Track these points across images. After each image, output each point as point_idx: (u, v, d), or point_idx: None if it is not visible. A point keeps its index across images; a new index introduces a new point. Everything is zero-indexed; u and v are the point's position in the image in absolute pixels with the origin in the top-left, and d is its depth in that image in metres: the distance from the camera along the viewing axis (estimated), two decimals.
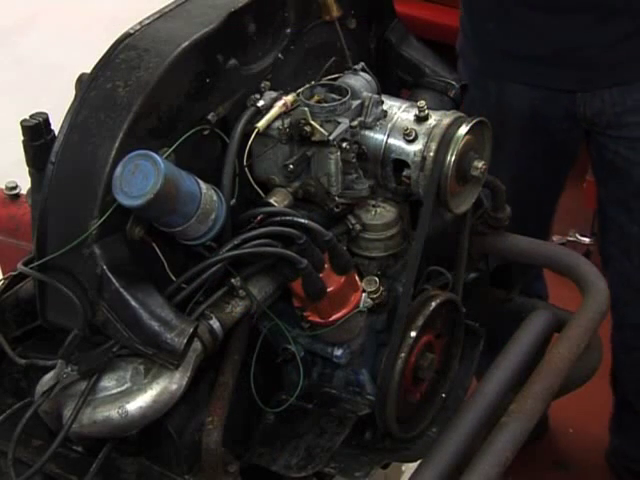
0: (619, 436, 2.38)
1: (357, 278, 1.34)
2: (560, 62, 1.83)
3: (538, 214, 2.07)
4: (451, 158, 1.29)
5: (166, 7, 1.31)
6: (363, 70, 1.41)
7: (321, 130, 1.28)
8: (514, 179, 1.93)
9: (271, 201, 1.31)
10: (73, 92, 1.26)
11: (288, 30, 1.39)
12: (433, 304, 1.40)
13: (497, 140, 1.84)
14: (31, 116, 1.33)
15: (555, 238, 2.77)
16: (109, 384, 1.18)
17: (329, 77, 1.39)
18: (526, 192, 1.97)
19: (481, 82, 1.90)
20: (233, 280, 1.25)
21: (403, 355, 1.35)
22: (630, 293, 2.01)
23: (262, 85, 1.34)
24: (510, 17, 1.83)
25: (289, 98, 1.32)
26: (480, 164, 1.32)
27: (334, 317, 1.31)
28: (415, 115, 1.33)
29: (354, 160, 1.33)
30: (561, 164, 2.03)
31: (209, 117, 1.26)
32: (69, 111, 1.20)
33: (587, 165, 2.21)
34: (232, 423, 1.26)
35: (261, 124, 1.29)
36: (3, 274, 2.06)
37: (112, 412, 1.16)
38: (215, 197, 1.23)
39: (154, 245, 1.21)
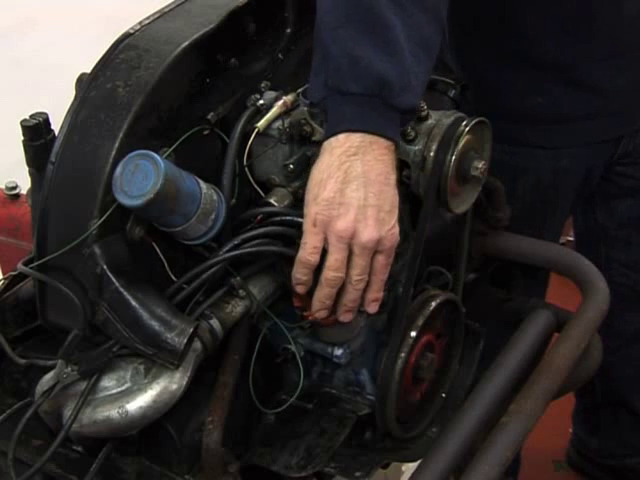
0: (600, 436, 2.38)
1: None
2: (615, 110, 1.77)
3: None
4: (451, 158, 1.29)
5: (166, 7, 1.31)
6: None
7: (321, 130, 1.28)
8: (559, 230, 1.93)
9: (271, 201, 1.31)
10: (73, 92, 1.26)
11: (288, 30, 1.39)
12: (433, 304, 1.40)
13: (545, 204, 1.83)
14: (31, 116, 1.33)
15: None
16: (109, 384, 1.18)
17: None
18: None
19: (527, 151, 1.79)
20: (233, 280, 1.25)
21: (403, 355, 1.35)
22: (632, 301, 2.02)
23: (262, 85, 1.34)
24: (560, 86, 1.72)
25: (289, 98, 1.32)
26: (480, 164, 1.32)
27: (334, 317, 1.31)
28: None
29: None
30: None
31: (209, 117, 1.26)
32: (69, 111, 1.20)
33: None
34: (232, 423, 1.26)
35: (261, 124, 1.29)
36: (3, 274, 2.06)
37: (112, 412, 1.16)
38: (215, 197, 1.23)
39: (154, 245, 1.21)
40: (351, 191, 1.19)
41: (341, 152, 1.19)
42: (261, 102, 1.31)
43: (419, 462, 1.35)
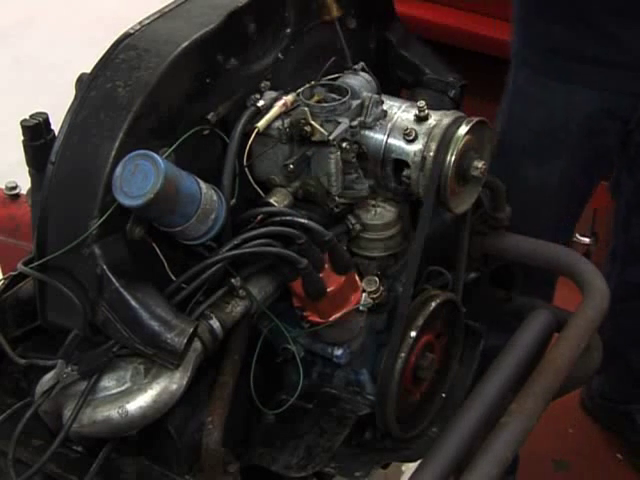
0: (597, 377, 2.44)
1: (357, 278, 1.34)
2: (636, 66, 1.81)
3: (573, 216, 2.08)
4: (451, 158, 1.29)
5: (166, 7, 1.31)
6: (363, 70, 1.41)
7: (321, 130, 1.28)
8: (561, 183, 1.96)
9: (271, 201, 1.31)
10: (73, 92, 1.26)
11: (288, 30, 1.39)
12: (433, 304, 1.40)
13: (555, 140, 1.90)
14: (31, 116, 1.34)
15: None
16: (109, 384, 1.18)
17: (329, 77, 1.39)
18: (570, 194, 1.99)
19: (541, 81, 1.88)
20: (233, 280, 1.25)
21: (403, 355, 1.35)
22: None
23: (262, 85, 1.34)
24: (584, 21, 1.79)
25: (289, 98, 1.32)
26: (480, 164, 1.32)
27: (334, 317, 1.31)
28: (415, 115, 1.33)
29: (354, 160, 1.33)
30: (605, 168, 2.03)
31: (209, 117, 1.26)
32: (69, 111, 1.20)
33: None
34: (232, 423, 1.27)
35: (261, 124, 1.29)
36: (3, 274, 2.06)
37: (112, 412, 1.16)
38: (215, 197, 1.23)
39: (154, 245, 1.21)
40: None
41: None
42: (261, 102, 1.31)
43: (419, 462, 1.35)
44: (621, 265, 2.25)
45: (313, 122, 1.29)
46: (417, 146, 1.31)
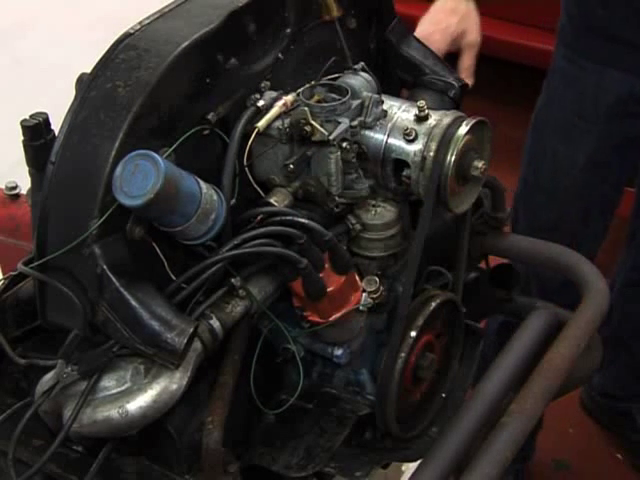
0: (599, 374, 2.42)
1: (357, 278, 1.34)
2: None
3: (602, 208, 2.08)
4: (451, 158, 1.29)
5: (166, 7, 1.31)
6: (363, 70, 1.40)
7: (321, 130, 1.28)
8: (589, 162, 1.96)
9: (271, 201, 1.31)
10: (73, 92, 1.26)
11: (288, 30, 1.39)
12: (433, 304, 1.40)
13: (583, 119, 1.95)
14: (31, 116, 1.33)
15: None
16: (109, 384, 1.18)
17: (329, 77, 1.39)
18: (596, 181, 1.99)
19: (579, 61, 1.92)
20: (233, 280, 1.25)
21: (403, 355, 1.35)
22: None
23: (262, 85, 1.34)
24: (622, 4, 1.82)
25: (289, 98, 1.32)
26: (480, 164, 1.32)
27: (334, 317, 1.31)
28: (415, 115, 1.33)
29: (354, 160, 1.33)
30: (636, 155, 2.04)
31: (209, 117, 1.26)
32: (69, 111, 1.20)
33: None
34: (232, 423, 1.26)
35: (261, 124, 1.29)
36: (3, 274, 2.06)
37: (112, 412, 1.16)
38: (215, 197, 1.23)
39: (154, 245, 1.21)
40: None
41: None
42: (261, 102, 1.31)
43: (419, 462, 1.35)
44: (637, 249, 2.24)
45: (313, 122, 1.29)
46: (417, 146, 1.30)
